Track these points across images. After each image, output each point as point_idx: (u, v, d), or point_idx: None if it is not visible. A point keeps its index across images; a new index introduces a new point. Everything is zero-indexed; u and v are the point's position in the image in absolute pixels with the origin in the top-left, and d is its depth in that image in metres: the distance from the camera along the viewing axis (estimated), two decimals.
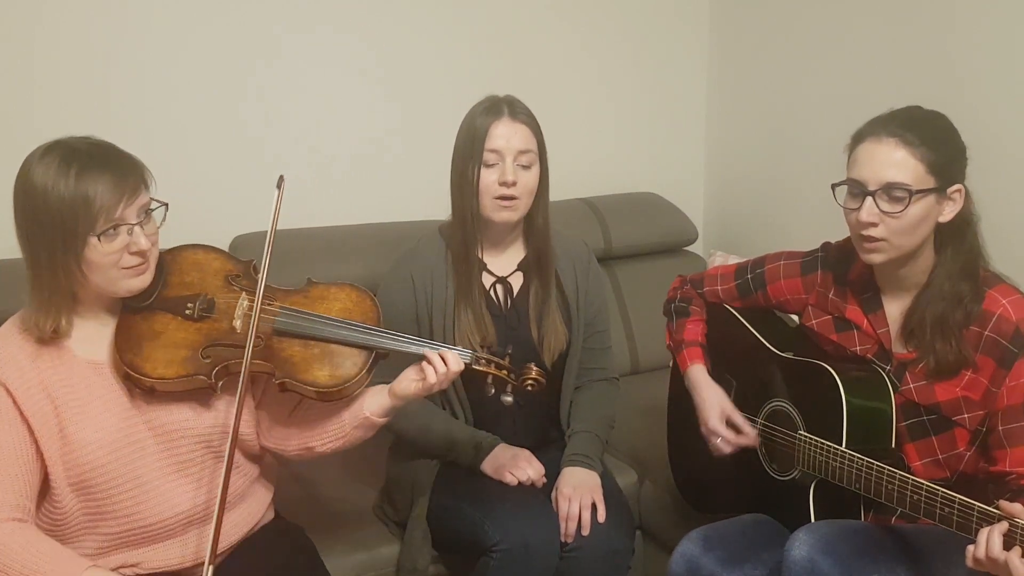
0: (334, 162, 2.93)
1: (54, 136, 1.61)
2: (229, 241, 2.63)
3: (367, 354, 1.73)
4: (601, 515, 2.04)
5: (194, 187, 2.71)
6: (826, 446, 1.77)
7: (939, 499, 1.56)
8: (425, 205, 2.79)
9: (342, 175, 2.94)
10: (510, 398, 1.84)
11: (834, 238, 1.97)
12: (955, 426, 1.75)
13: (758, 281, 2.06)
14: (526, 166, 2.05)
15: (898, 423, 1.78)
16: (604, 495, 2.07)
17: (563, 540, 2.02)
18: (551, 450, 2.19)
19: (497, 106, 2.06)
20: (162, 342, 1.66)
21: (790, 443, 1.89)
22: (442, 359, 1.73)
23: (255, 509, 1.85)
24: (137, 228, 1.58)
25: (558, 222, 2.23)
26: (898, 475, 1.63)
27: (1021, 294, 1.72)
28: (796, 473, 1.88)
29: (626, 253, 3.15)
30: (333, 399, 1.74)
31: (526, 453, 2.11)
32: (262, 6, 2.75)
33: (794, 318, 2.06)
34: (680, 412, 2.20)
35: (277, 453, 1.85)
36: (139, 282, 1.64)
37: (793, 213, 3.16)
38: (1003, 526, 1.45)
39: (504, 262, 2.19)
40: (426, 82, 3.00)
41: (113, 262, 1.58)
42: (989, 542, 1.45)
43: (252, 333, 1.65)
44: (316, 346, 1.72)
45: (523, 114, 2.07)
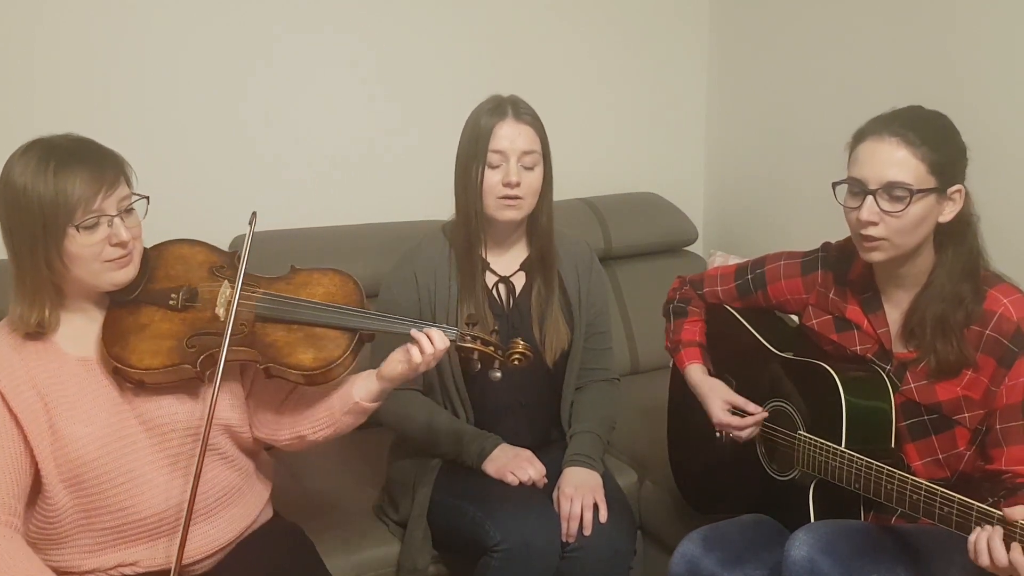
0: (334, 162, 2.93)
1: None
2: (229, 241, 2.62)
3: (351, 335, 1.74)
4: (603, 515, 2.04)
5: (194, 187, 2.72)
6: (826, 446, 1.78)
7: (939, 499, 1.56)
8: (426, 205, 2.79)
9: (342, 175, 2.95)
10: (499, 374, 1.82)
11: (834, 238, 1.97)
12: (955, 425, 1.75)
13: (758, 281, 2.06)
14: (530, 167, 2.06)
15: (898, 423, 1.78)
16: (606, 495, 2.07)
17: (564, 540, 2.02)
18: (552, 450, 2.19)
19: (501, 107, 2.06)
20: (148, 334, 1.67)
21: (790, 443, 1.89)
22: (428, 338, 1.73)
23: (252, 505, 1.85)
24: (117, 220, 1.60)
25: (558, 222, 2.23)
26: (897, 475, 1.64)
27: (1022, 293, 1.72)
28: (796, 473, 1.88)
29: (626, 253, 3.15)
30: (319, 382, 1.74)
31: (527, 453, 2.11)
32: (262, 6, 2.75)
33: (794, 318, 2.06)
34: (680, 412, 2.20)
35: (270, 444, 1.86)
36: (122, 275, 1.65)
37: (793, 213, 3.16)
38: (999, 531, 1.46)
39: (507, 262, 2.19)
40: (426, 82, 3.00)
41: (94, 254, 1.60)
42: (993, 551, 1.45)
43: (231, 319, 1.67)
44: (299, 330, 1.73)
45: (527, 115, 2.07)
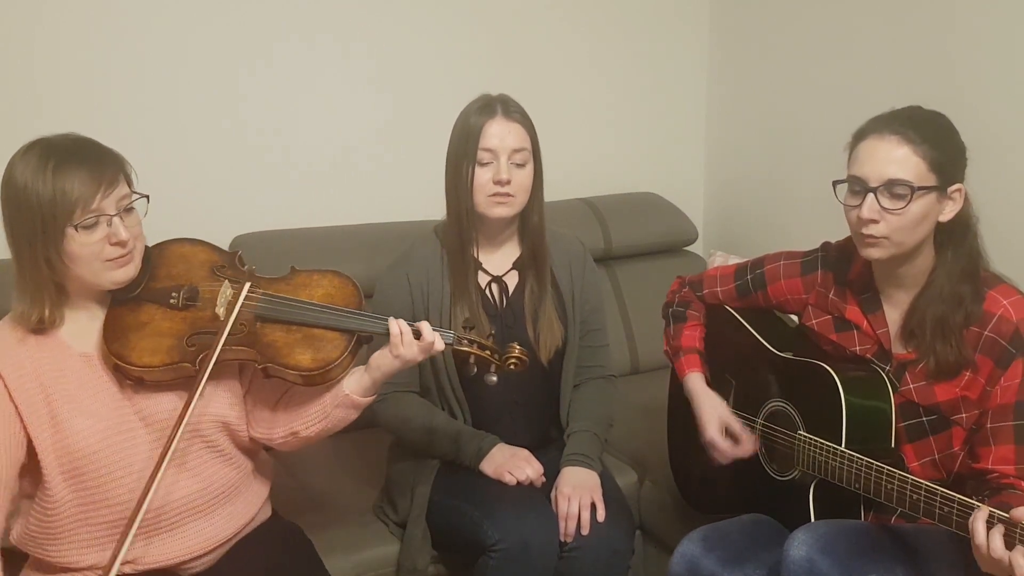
0: (334, 162, 2.93)
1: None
2: (229, 241, 2.63)
3: (349, 337, 1.75)
4: (600, 515, 2.04)
5: (194, 187, 2.72)
6: (825, 446, 1.77)
7: (938, 498, 1.56)
8: (425, 205, 2.79)
9: (342, 175, 2.95)
10: (494, 377, 1.83)
11: (834, 238, 1.97)
12: (953, 426, 1.75)
13: (758, 282, 2.06)
14: (520, 164, 2.06)
15: (897, 424, 1.78)
16: (604, 495, 2.07)
17: (562, 540, 2.02)
18: (550, 450, 2.19)
19: (491, 105, 2.06)
20: (148, 331, 1.68)
21: (790, 443, 1.89)
22: (414, 331, 1.74)
23: (250, 503, 1.86)
24: (116, 219, 1.61)
25: (558, 222, 2.23)
26: (897, 474, 1.63)
27: (1022, 295, 1.72)
28: (796, 473, 1.88)
29: (626, 253, 3.15)
30: (317, 383, 1.75)
31: (525, 452, 2.11)
32: (262, 7, 2.75)
33: (794, 318, 2.06)
34: (680, 413, 2.20)
35: (265, 443, 1.86)
36: (123, 274, 1.66)
37: (793, 213, 3.16)
38: (1000, 527, 1.46)
39: (499, 261, 2.19)
40: (427, 83, 3.00)
41: (94, 254, 1.61)
42: (991, 542, 1.45)
43: (230, 319, 1.68)
44: (298, 331, 1.74)
45: (516, 112, 2.08)
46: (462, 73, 3.00)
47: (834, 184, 1.76)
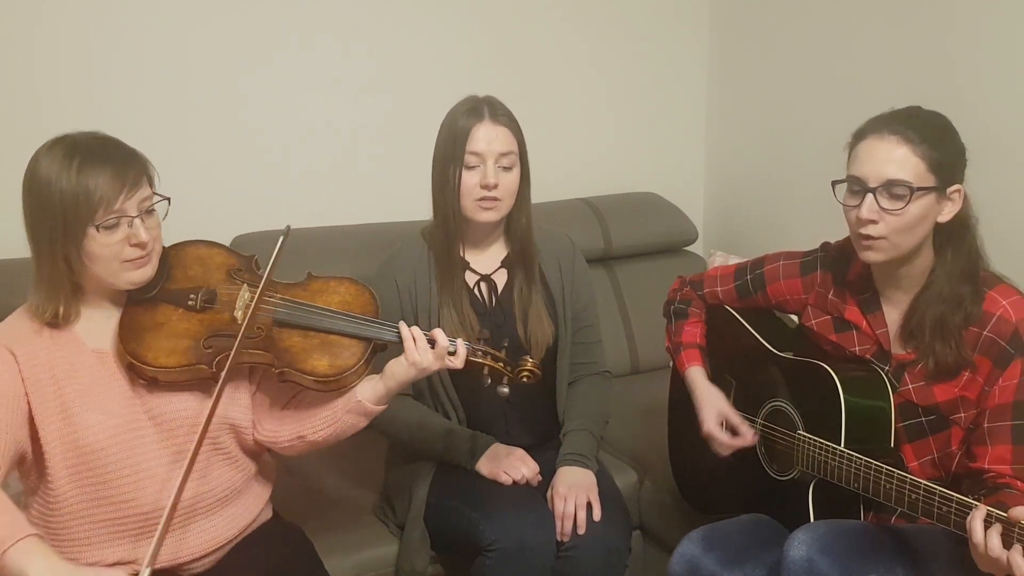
0: (335, 162, 2.93)
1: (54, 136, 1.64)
2: (230, 240, 2.63)
3: (365, 344, 1.76)
4: (597, 514, 2.04)
5: (195, 187, 2.70)
6: (825, 446, 1.77)
7: (937, 498, 1.56)
8: (425, 205, 2.76)
9: (342, 175, 2.95)
10: (506, 389, 1.84)
11: (834, 238, 1.97)
12: (952, 426, 1.75)
13: (758, 282, 2.06)
14: (507, 167, 2.05)
15: (896, 424, 1.78)
16: (600, 494, 2.07)
17: (559, 539, 2.02)
18: (546, 449, 2.19)
19: (478, 108, 2.06)
20: (165, 332, 1.69)
21: (789, 443, 1.89)
22: (429, 338, 1.74)
23: (253, 505, 1.86)
24: (137, 221, 1.61)
25: (558, 222, 2.23)
26: (896, 474, 1.63)
27: (1021, 295, 1.72)
28: (795, 473, 1.88)
29: (626, 253, 3.15)
30: (332, 388, 1.76)
31: (520, 452, 2.11)
32: (262, 8, 2.75)
33: (794, 318, 2.06)
34: (680, 412, 2.20)
35: (270, 447, 1.86)
36: (140, 275, 1.66)
37: (793, 213, 3.16)
38: (998, 527, 1.46)
39: (487, 260, 2.19)
40: (427, 83, 3.00)
41: (114, 254, 1.61)
42: (989, 541, 1.46)
43: (245, 322, 1.69)
44: (316, 337, 1.75)
45: (503, 116, 2.07)
46: (462, 73, 3.00)
47: (833, 184, 1.76)
